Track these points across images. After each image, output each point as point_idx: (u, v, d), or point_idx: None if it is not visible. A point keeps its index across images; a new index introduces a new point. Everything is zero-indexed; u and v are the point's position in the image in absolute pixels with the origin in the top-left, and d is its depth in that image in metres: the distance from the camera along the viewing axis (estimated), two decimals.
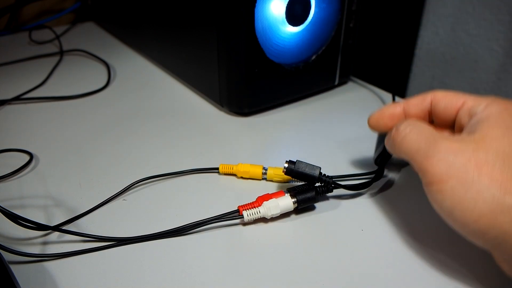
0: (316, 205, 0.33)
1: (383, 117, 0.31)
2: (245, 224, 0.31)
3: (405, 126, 0.28)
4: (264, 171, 0.36)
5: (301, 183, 0.33)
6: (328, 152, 0.40)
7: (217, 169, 0.37)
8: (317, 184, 0.33)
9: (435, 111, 0.30)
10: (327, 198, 0.34)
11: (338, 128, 0.44)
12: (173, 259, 0.29)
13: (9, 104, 0.48)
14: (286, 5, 0.41)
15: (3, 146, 0.40)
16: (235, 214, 0.31)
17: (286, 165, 0.32)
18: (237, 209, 0.31)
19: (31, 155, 0.38)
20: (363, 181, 0.35)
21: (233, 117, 0.45)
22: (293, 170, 0.32)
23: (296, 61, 0.45)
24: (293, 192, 0.32)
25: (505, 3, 0.55)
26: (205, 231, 0.31)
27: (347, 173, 0.36)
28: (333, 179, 0.33)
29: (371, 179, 0.35)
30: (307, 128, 0.44)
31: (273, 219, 0.32)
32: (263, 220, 0.32)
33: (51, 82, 0.53)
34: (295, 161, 0.32)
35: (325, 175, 0.32)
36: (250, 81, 0.42)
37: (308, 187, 0.32)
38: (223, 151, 0.40)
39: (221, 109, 0.47)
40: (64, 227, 0.31)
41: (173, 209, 0.33)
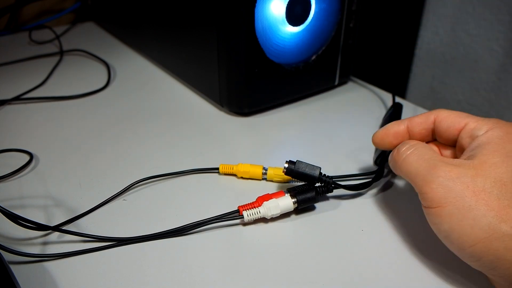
0: (316, 205, 0.33)
1: (388, 135, 0.31)
2: (245, 224, 0.31)
3: (406, 148, 0.29)
4: (264, 171, 0.36)
5: (301, 183, 0.33)
6: (328, 152, 0.40)
7: (217, 169, 0.37)
8: (317, 184, 0.33)
9: (437, 131, 0.30)
10: (327, 198, 0.34)
11: (338, 128, 0.44)
12: (173, 259, 0.29)
13: (9, 104, 0.48)
14: (286, 5, 0.41)
15: (3, 146, 0.40)
16: (235, 214, 0.31)
17: (286, 165, 0.32)
18: (237, 209, 0.31)
19: (31, 155, 0.38)
20: (363, 181, 0.35)
21: (233, 117, 0.45)
22: (293, 170, 0.32)
23: (296, 61, 0.45)
24: (293, 192, 0.32)
25: (505, 3, 0.55)
26: (205, 231, 0.31)
27: (347, 173, 0.36)
28: (333, 179, 0.33)
29: (371, 179, 0.35)
30: (307, 128, 0.44)
31: (273, 219, 0.32)
32: (263, 220, 0.32)
33: (51, 82, 0.53)
34: (295, 161, 0.32)
35: (325, 175, 0.32)
36: (250, 81, 0.42)
37: (308, 187, 0.32)
38: (223, 151, 0.40)
39: (221, 109, 0.47)
40: (64, 227, 0.31)
41: (173, 209, 0.33)
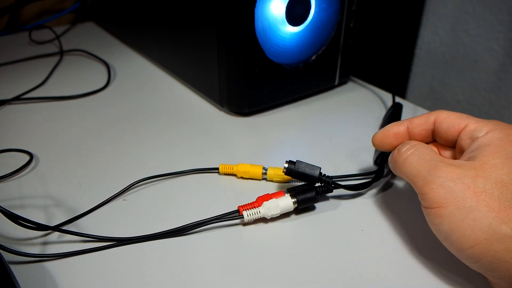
0: (316, 205, 0.33)
1: (388, 136, 0.31)
2: (245, 224, 0.31)
3: (407, 148, 0.29)
4: (264, 171, 0.36)
5: (301, 183, 0.33)
6: (328, 152, 0.40)
7: (217, 169, 0.37)
8: (317, 184, 0.33)
9: (437, 132, 0.30)
10: (327, 198, 0.34)
11: (338, 128, 0.44)
12: (173, 259, 0.29)
13: (9, 104, 0.48)
14: (286, 5, 0.41)
15: (3, 146, 0.40)
16: (235, 214, 0.31)
17: (286, 165, 0.32)
18: (237, 209, 0.31)
19: (31, 155, 0.38)
20: (363, 181, 0.35)
21: (233, 117, 0.45)
22: (293, 170, 0.32)
23: (296, 61, 0.45)
24: (293, 192, 0.32)
25: (505, 3, 0.55)
26: (205, 231, 0.31)
27: (347, 173, 0.36)
28: (333, 179, 0.33)
29: (371, 179, 0.35)
30: (307, 128, 0.44)
31: (273, 219, 0.32)
32: (263, 220, 0.32)
33: (51, 82, 0.53)
34: (295, 161, 0.32)
35: (325, 175, 0.32)
36: (250, 81, 0.42)
37: (308, 187, 0.32)
38: (223, 151, 0.40)
39: (221, 109, 0.47)
40: (64, 227, 0.31)
41: (173, 209, 0.33)
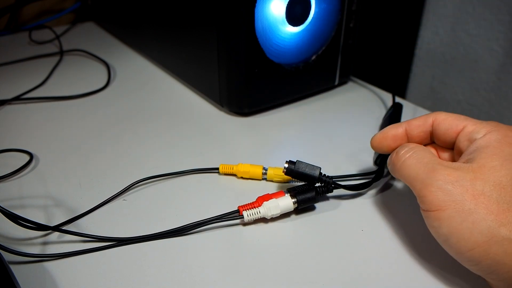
0: (316, 205, 0.33)
1: (386, 138, 0.31)
2: (245, 224, 0.31)
3: (405, 151, 0.29)
4: (264, 171, 0.36)
5: (301, 183, 0.33)
6: (328, 152, 0.40)
7: (217, 169, 0.37)
8: (317, 184, 0.33)
9: (436, 133, 0.30)
10: (327, 198, 0.34)
11: (338, 128, 0.44)
12: (173, 259, 0.29)
13: (9, 104, 0.48)
14: (286, 5, 0.41)
15: (3, 146, 0.40)
16: (235, 214, 0.31)
17: (286, 165, 0.32)
18: (237, 209, 0.31)
19: (31, 155, 0.38)
20: (363, 181, 0.35)
21: (233, 117, 0.45)
22: (293, 170, 0.32)
23: (296, 61, 0.45)
24: (293, 192, 0.32)
25: (505, 3, 0.55)
26: (205, 231, 0.31)
27: (347, 173, 0.36)
28: (333, 179, 0.33)
29: (371, 179, 0.35)
30: (307, 128, 0.44)
31: (273, 219, 0.32)
32: (263, 220, 0.32)
33: (51, 82, 0.53)
34: (295, 161, 0.32)
35: (325, 175, 0.32)
36: (250, 81, 0.42)
37: (308, 187, 0.32)
38: (223, 151, 0.40)
39: (221, 109, 0.47)
40: (64, 227, 0.31)
41: (173, 209, 0.33)
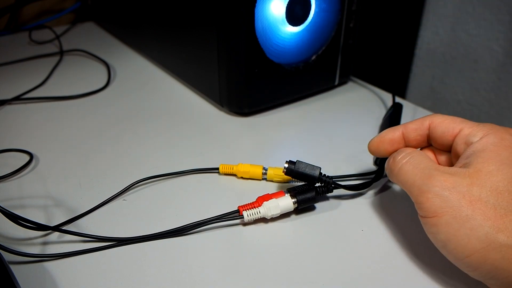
0: (316, 205, 0.33)
1: (383, 142, 0.31)
2: (245, 224, 0.31)
3: (402, 156, 0.29)
4: (264, 171, 0.36)
5: (301, 183, 0.33)
6: (328, 152, 0.40)
7: (217, 169, 0.37)
8: (317, 184, 0.33)
9: (432, 136, 0.30)
10: (327, 198, 0.34)
11: (338, 128, 0.44)
12: (173, 259, 0.29)
13: (9, 104, 0.48)
14: (286, 5, 0.41)
15: (3, 146, 0.40)
16: (235, 214, 0.31)
17: (286, 165, 0.32)
18: (237, 209, 0.31)
19: (31, 155, 0.38)
20: (363, 181, 0.35)
21: (233, 117, 0.45)
22: (293, 170, 0.32)
23: (296, 61, 0.45)
24: (293, 192, 0.32)
25: (505, 3, 0.55)
26: (205, 231, 0.31)
27: (347, 173, 0.36)
28: (333, 179, 0.33)
29: (371, 179, 0.35)
30: (307, 128, 0.44)
31: (273, 219, 0.32)
32: (263, 220, 0.32)
33: (51, 82, 0.53)
34: (295, 161, 0.32)
35: (325, 175, 0.32)
36: (250, 81, 0.42)
37: (308, 187, 0.32)
38: (223, 151, 0.40)
39: (221, 109, 0.47)
40: (64, 227, 0.31)
41: (173, 209, 0.33)
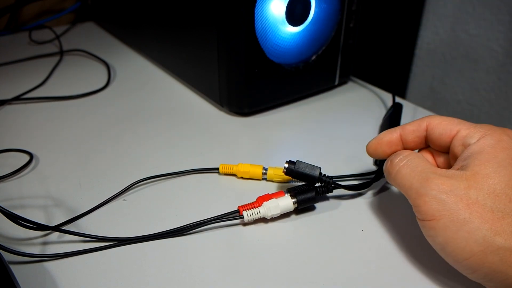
0: (316, 205, 0.33)
1: (381, 144, 0.31)
2: (245, 224, 0.31)
3: (399, 159, 0.29)
4: (264, 171, 0.36)
5: (301, 183, 0.33)
6: (328, 152, 0.40)
7: (217, 169, 0.37)
8: (317, 184, 0.33)
9: (430, 138, 0.30)
10: (327, 198, 0.34)
11: (338, 128, 0.44)
12: (173, 259, 0.29)
13: (9, 104, 0.48)
14: (286, 5, 0.41)
15: (3, 146, 0.40)
16: (235, 214, 0.31)
17: (286, 165, 0.32)
18: (237, 209, 0.31)
19: (31, 155, 0.38)
20: (363, 181, 0.35)
21: (233, 117, 0.45)
22: (293, 170, 0.32)
23: (296, 61, 0.45)
24: (293, 192, 0.32)
25: (505, 3, 0.55)
26: (205, 231, 0.31)
27: (347, 173, 0.36)
28: (333, 179, 0.33)
29: (371, 179, 0.35)
30: (307, 128, 0.44)
31: (273, 219, 0.32)
32: (263, 220, 0.32)
33: (51, 82, 0.53)
34: (295, 161, 0.32)
35: (325, 175, 0.32)
36: (250, 81, 0.42)
37: (308, 187, 0.32)
38: (223, 151, 0.40)
39: (221, 109, 0.47)
40: (64, 227, 0.31)
41: (173, 209, 0.33)
